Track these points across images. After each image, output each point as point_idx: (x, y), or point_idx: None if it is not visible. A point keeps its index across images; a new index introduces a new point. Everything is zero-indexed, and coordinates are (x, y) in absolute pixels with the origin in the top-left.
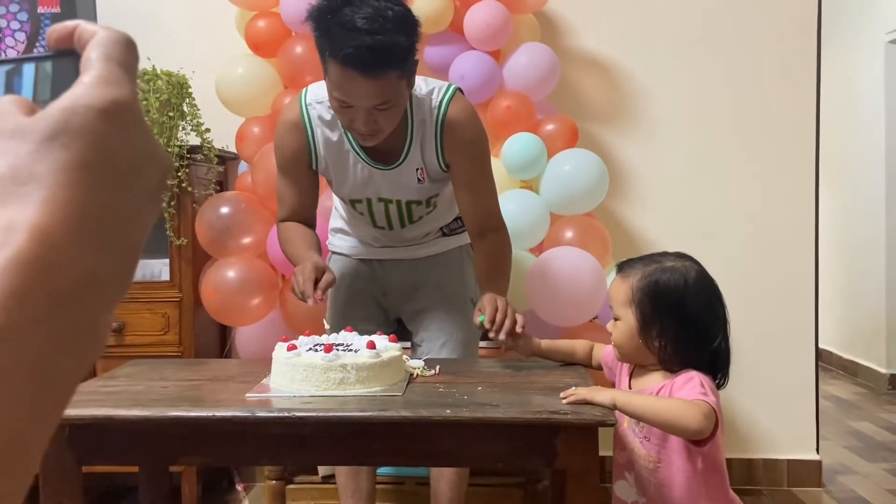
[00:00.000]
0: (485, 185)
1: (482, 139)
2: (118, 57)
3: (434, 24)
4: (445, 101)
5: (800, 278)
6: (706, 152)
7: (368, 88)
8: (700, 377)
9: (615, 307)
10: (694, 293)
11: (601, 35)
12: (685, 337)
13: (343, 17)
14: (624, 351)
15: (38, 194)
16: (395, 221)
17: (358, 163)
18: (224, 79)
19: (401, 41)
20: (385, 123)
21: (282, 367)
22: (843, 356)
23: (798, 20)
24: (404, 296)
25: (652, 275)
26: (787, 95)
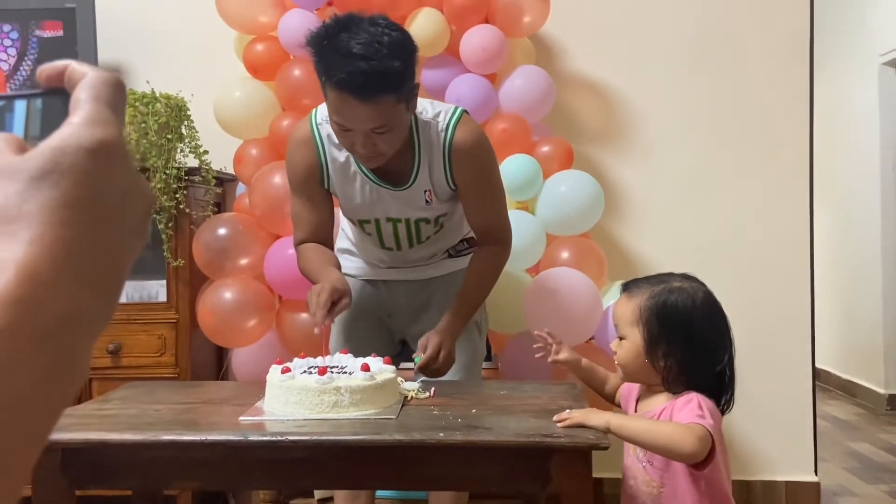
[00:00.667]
0: (492, 199)
1: (489, 159)
2: (107, 97)
3: (430, 47)
4: (452, 124)
5: (796, 298)
6: (701, 172)
7: (365, 112)
8: (699, 399)
9: (621, 326)
10: (701, 314)
11: (595, 58)
12: (691, 358)
13: (339, 43)
14: (629, 371)
15: (26, 233)
16: (404, 242)
17: (366, 184)
18: (222, 101)
19: (395, 66)
20: (384, 146)
21: (276, 390)
22: (842, 376)
23: (790, 41)
24: (409, 317)
25: (660, 294)
26: (780, 116)
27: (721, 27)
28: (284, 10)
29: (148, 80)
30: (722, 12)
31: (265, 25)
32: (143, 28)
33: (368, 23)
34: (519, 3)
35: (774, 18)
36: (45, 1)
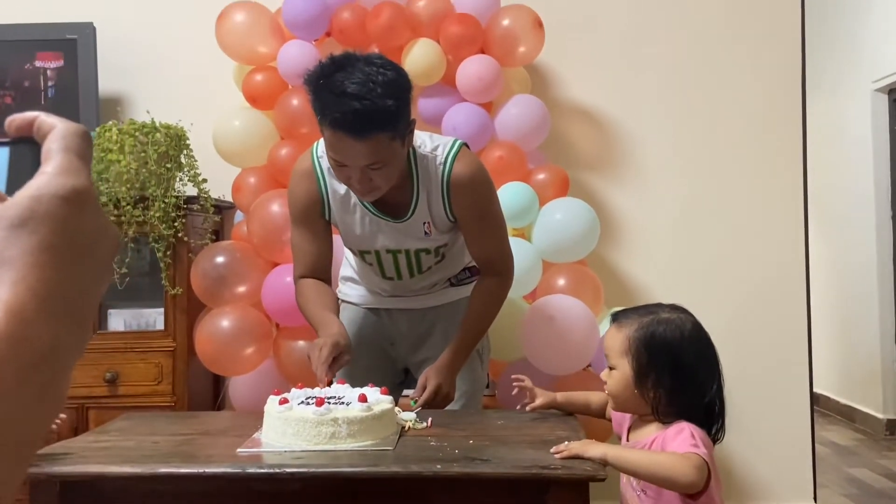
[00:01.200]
0: (492, 231)
1: (488, 191)
2: (76, 148)
3: (427, 77)
4: (451, 158)
5: (792, 323)
6: (696, 199)
7: (359, 149)
8: (691, 428)
9: (611, 356)
10: (689, 345)
11: (590, 86)
12: (680, 388)
13: (334, 83)
14: (619, 400)
15: (10, 275)
16: (405, 271)
17: (365, 216)
18: (221, 130)
19: (389, 105)
20: (380, 181)
21: (273, 421)
22: (840, 401)
23: (783, 69)
24: (412, 346)
25: (649, 326)
26: (774, 143)
27: (714, 55)
28: (283, 40)
29: (148, 110)
30: (715, 40)
31: (264, 56)
32: (144, 58)
33: (364, 62)
34: (514, 33)
35: (767, 46)
36: (46, 32)
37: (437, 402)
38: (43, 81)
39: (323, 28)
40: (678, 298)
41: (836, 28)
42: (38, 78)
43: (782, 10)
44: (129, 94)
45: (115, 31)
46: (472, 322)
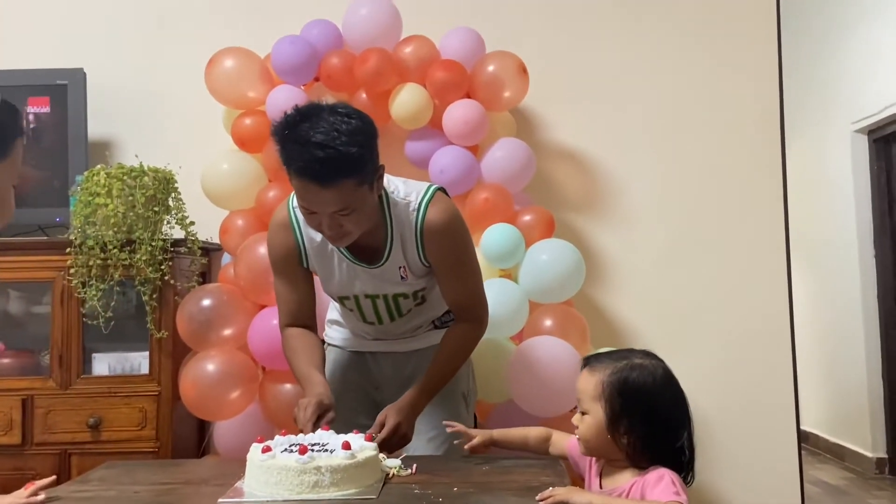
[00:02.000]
0: (465, 277)
1: (462, 237)
2: None
3: (414, 120)
4: (424, 204)
5: (777, 362)
6: (680, 240)
7: (326, 197)
8: (670, 475)
9: (583, 401)
10: (661, 391)
11: (574, 129)
12: (653, 434)
13: (299, 133)
14: (591, 445)
15: None
16: (385, 316)
17: (342, 262)
18: (209, 173)
19: (352, 152)
20: (351, 227)
21: (256, 470)
22: (830, 439)
23: (762, 112)
24: (397, 389)
25: (622, 371)
26: (755, 184)
27: (694, 99)
28: (272, 85)
29: (137, 154)
30: (695, 85)
31: (253, 100)
32: (134, 103)
33: (328, 112)
34: (499, 79)
35: (745, 90)
36: (36, 77)
37: (393, 442)
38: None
39: (311, 73)
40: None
41: (815, 70)
42: (28, 123)
43: (760, 54)
44: (118, 139)
45: (105, 77)
46: (440, 366)
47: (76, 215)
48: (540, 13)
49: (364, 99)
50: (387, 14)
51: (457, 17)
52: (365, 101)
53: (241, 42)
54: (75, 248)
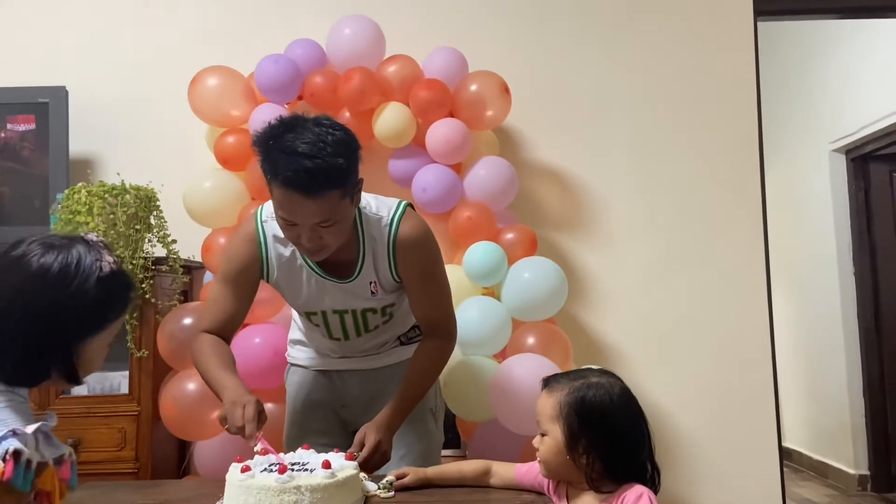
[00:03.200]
0: (436, 293)
1: (433, 254)
2: None
3: (397, 139)
4: (396, 219)
5: (758, 380)
6: (661, 259)
7: (310, 208)
8: (648, 495)
9: (542, 422)
10: (619, 408)
11: (557, 148)
12: (611, 452)
13: (285, 143)
14: (551, 467)
15: None
16: (351, 331)
17: (312, 277)
18: (192, 191)
19: (339, 163)
20: (330, 239)
21: (235, 490)
22: (813, 457)
23: (741, 133)
24: (363, 407)
25: (579, 390)
26: (734, 206)
27: (675, 121)
28: (256, 104)
29: (118, 172)
30: (675, 106)
31: (236, 119)
32: (116, 121)
33: (313, 123)
34: (482, 98)
35: (725, 110)
36: (18, 95)
37: (374, 461)
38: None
39: (295, 92)
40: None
41: (793, 90)
42: (10, 141)
43: (739, 76)
44: (99, 157)
45: (88, 95)
46: (413, 382)
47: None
48: (523, 34)
49: (347, 117)
50: (370, 34)
51: (440, 37)
52: (348, 119)
53: (225, 61)
54: None
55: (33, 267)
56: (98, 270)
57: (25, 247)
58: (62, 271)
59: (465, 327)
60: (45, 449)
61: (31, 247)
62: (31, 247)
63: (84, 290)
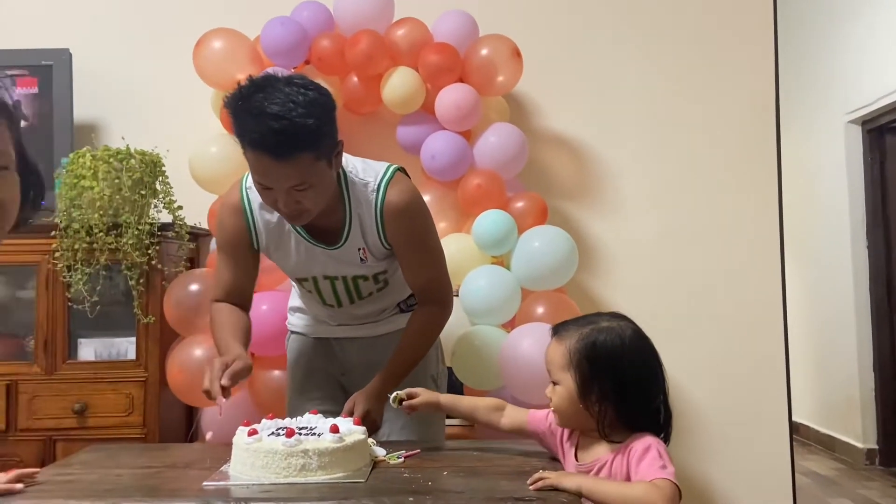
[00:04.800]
0: (428, 259)
1: (423, 218)
2: None
3: (406, 105)
4: (384, 184)
5: (770, 353)
6: (672, 228)
7: (282, 171)
8: (657, 445)
9: (553, 371)
10: (631, 352)
11: (568, 115)
12: (625, 397)
13: (253, 104)
14: (564, 416)
15: None
16: (344, 298)
17: (300, 243)
18: (198, 157)
19: (309, 124)
20: (308, 203)
21: (242, 454)
22: (820, 430)
23: (757, 102)
24: (363, 374)
25: (588, 336)
26: (749, 174)
27: (690, 87)
28: (262, 68)
29: (123, 137)
30: (690, 73)
31: None
32: (120, 85)
33: (284, 83)
34: (492, 63)
35: (741, 79)
36: (21, 58)
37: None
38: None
39: (302, 56)
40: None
41: (810, 61)
42: None
43: (756, 44)
44: (104, 121)
45: (91, 58)
46: (406, 350)
47: (61, 198)
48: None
49: (355, 82)
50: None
51: (450, 0)
52: (356, 84)
53: (231, 23)
54: (60, 231)
55: None
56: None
57: None
58: None
59: (473, 296)
60: None
61: None
62: None
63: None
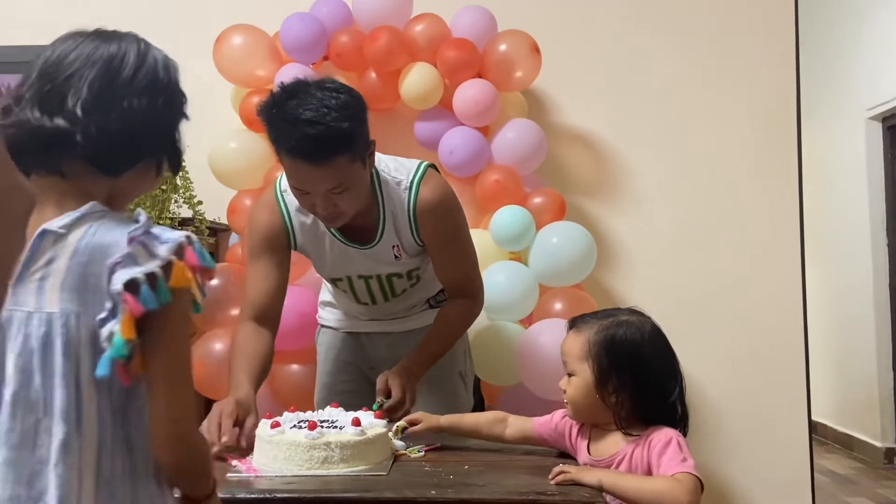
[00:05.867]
0: (460, 255)
1: (455, 215)
2: None
3: (424, 100)
4: (416, 182)
5: (789, 350)
6: (691, 225)
7: (319, 175)
8: (677, 438)
9: (570, 362)
10: (650, 346)
11: (587, 111)
12: (642, 390)
13: (287, 111)
14: (579, 408)
15: None
16: (378, 296)
17: (334, 244)
18: (217, 153)
19: (344, 127)
20: (345, 205)
21: (265, 446)
22: (838, 429)
23: (778, 98)
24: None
25: (608, 328)
26: (769, 171)
27: (709, 83)
28: (281, 64)
29: None
30: (710, 68)
31: (262, 79)
32: None
33: (316, 87)
34: (511, 58)
35: (761, 75)
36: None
37: (406, 406)
38: None
39: (321, 52)
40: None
41: (831, 57)
42: None
43: (777, 39)
44: None
45: None
46: (435, 337)
47: None
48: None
49: (373, 78)
50: None
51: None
52: (374, 80)
53: (250, 19)
54: None
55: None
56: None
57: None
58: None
59: (491, 292)
60: (156, 249)
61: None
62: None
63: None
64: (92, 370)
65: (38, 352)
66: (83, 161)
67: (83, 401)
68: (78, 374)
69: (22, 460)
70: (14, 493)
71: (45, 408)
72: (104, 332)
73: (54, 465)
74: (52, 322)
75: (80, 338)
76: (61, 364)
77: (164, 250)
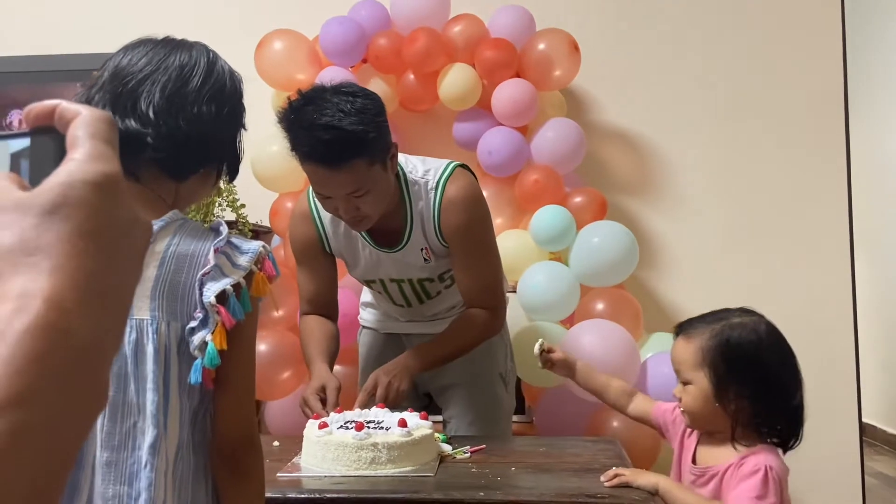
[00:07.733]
0: (482, 260)
1: (479, 214)
2: (103, 135)
3: (463, 101)
4: (442, 182)
5: (839, 351)
6: (735, 224)
7: (337, 179)
8: (768, 471)
9: (683, 371)
10: (769, 347)
11: (626, 110)
12: (764, 396)
13: (303, 117)
14: (697, 417)
15: (47, 263)
16: (413, 299)
17: (366, 247)
18: (259, 156)
19: (359, 131)
20: (367, 209)
21: (313, 446)
22: (888, 430)
23: (825, 92)
24: (433, 371)
25: (721, 333)
26: (816, 167)
27: (754, 81)
28: (321, 67)
29: None
30: (755, 65)
31: (302, 82)
32: None
33: (332, 93)
34: (549, 57)
35: (809, 72)
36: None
37: (390, 399)
38: None
39: (360, 55)
40: None
41: (878, 52)
42: None
43: (824, 36)
44: None
45: None
46: (444, 338)
47: None
48: None
49: (412, 80)
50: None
51: None
52: (412, 81)
53: (290, 24)
54: None
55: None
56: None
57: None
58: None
59: (532, 293)
60: (238, 259)
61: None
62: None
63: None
64: (179, 375)
65: (131, 357)
66: (153, 164)
67: (170, 405)
68: (167, 378)
69: (122, 461)
70: (116, 492)
71: (140, 411)
72: (195, 340)
73: (145, 465)
74: (142, 329)
75: (170, 344)
76: (153, 369)
77: (245, 261)
